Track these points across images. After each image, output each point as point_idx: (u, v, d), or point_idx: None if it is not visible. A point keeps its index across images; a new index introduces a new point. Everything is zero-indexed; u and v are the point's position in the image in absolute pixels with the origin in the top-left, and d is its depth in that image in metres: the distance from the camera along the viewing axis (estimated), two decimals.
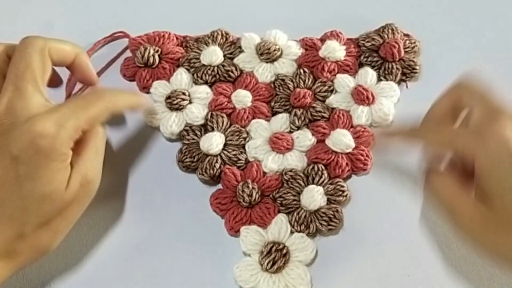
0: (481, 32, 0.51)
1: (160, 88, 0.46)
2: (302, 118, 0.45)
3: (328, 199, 0.41)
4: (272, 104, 0.46)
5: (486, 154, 0.33)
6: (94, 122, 0.36)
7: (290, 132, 0.44)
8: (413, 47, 0.49)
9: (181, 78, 0.46)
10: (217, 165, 0.42)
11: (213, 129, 0.44)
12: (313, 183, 0.42)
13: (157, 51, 0.47)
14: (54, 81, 0.41)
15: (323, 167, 0.42)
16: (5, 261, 0.32)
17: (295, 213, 0.40)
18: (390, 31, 0.49)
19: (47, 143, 0.32)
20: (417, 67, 0.47)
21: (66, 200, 0.33)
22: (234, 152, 0.43)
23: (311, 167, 0.42)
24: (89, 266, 0.40)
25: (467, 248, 0.38)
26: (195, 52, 0.48)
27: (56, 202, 0.33)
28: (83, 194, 0.35)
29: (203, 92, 0.46)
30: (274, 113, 0.46)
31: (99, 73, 0.48)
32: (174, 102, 0.45)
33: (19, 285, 0.39)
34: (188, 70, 0.47)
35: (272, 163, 0.43)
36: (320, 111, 0.45)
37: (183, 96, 0.45)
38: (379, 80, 0.47)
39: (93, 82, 0.41)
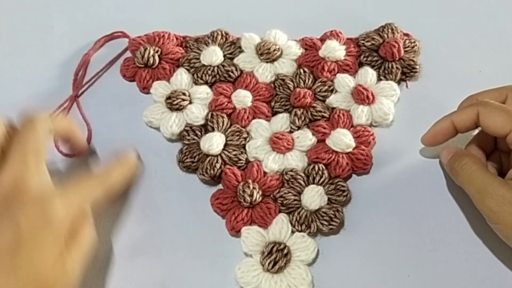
0: (481, 32, 0.51)
1: (160, 88, 0.46)
2: (303, 118, 0.45)
3: (328, 199, 0.41)
4: (272, 104, 0.46)
5: None
6: (96, 203, 0.37)
7: (291, 132, 0.44)
8: (413, 47, 0.49)
9: (181, 78, 0.46)
10: (218, 165, 0.42)
11: (213, 129, 0.44)
12: (313, 183, 0.42)
13: (157, 52, 0.47)
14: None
15: (324, 167, 0.42)
16: None
17: (296, 213, 0.40)
18: (390, 30, 0.49)
19: (56, 220, 0.33)
20: (417, 67, 0.47)
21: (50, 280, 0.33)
22: (234, 152, 0.43)
23: (311, 167, 0.42)
24: (89, 266, 0.40)
25: (495, 232, 0.38)
26: (195, 52, 0.48)
27: (48, 280, 0.33)
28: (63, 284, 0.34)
29: (203, 92, 0.46)
30: (274, 113, 0.46)
31: (99, 73, 0.48)
32: (174, 103, 0.45)
33: None
34: (188, 70, 0.47)
35: (272, 163, 0.43)
36: (320, 111, 0.45)
37: (183, 97, 0.45)
38: (379, 79, 0.47)
39: (85, 150, 0.44)
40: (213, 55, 0.47)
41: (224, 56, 0.48)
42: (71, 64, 0.48)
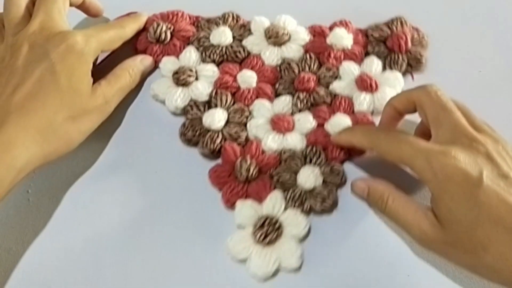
0: (481, 32, 0.51)
1: (168, 63, 0.47)
2: (305, 101, 0.46)
3: (323, 180, 0.42)
4: (277, 86, 0.47)
5: (438, 185, 0.35)
6: (111, 45, 0.45)
7: (292, 114, 0.45)
8: (420, 40, 0.49)
9: (190, 55, 0.48)
10: (218, 141, 0.43)
11: (216, 106, 0.45)
12: (310, 164, 0.43)
13: (169, 28, 0.49)
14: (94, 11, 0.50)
15: (321, 150, 0.43)
16: (38, 148, 0.38)
17: (291, 191, 0.41)
18: (399, 23, 0.49)
19: (78, 47, 0.41)
20: (423, 60, 0.48)
21: (91, 104, 0.41)
22: (235, 129, 0.44)
23: (309, 148, 0.43)
24: (88, 235, 0.41)
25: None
26: (206, 31, 0.49)
27: (84, 100, 0.41)
28: (102, 109, 0.42)
29: (210, 70, 0.47)
30: (278, 95, 0.46)
31: (114, 50, 0.49)
32: (180, 78, 0.46)
33: (19, 285, 0.40)
34: (197, 48, 0.48)
35: (272, 142, 0.44)
36: (322, 96, 0.46)
37: (189, 73, 0.46)
38: (384, 69, 0.48)
39: (100, 13, 0.50)
40: (222, 36, 0.48)
41: (233, 37, 0.49)
42: None
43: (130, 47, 0.49)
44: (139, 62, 0.46)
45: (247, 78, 0.47)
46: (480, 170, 0.34)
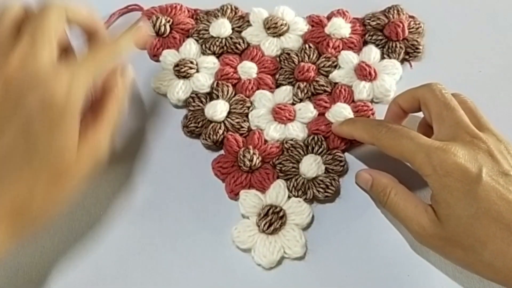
0: (481, 32, 0.51)
1: (169, 56, 0.48)
2: (305, 91, 0.46)
3: (326, 168, 0.42)
4: (277, 76, 0.47)
5: (437, 180, 0.35)
6: (104, 69, 0.37)
7: (293, 104, 0.46)
8: (417, 28, 0.50)
9: (190, 48, 0.48)
10: (220, 131, 0.44)
11: (218, 97, 0.46)
12: (312, 153, 0.43)
13: (168, 21, 0.49)
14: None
15: (323, 138, 0.44)
16: (17, 222, 0.33)
17: (294, 180, 0.42)
18: (395, 11, 0.50)
19: (60, 99, 0.33)
20: (420, 47, 0.48)
21: (76, 167, 0.35)
22: (237, 120, 0.44)
23: (311, 137, 0.44)
24: (88, 233, 0.41)
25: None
26: (205, 24, 0.50)
27: (66, 164, 0.34)
28: (91, 162, 0.36)
29: (210, 62, 0.47)
30: (278, 85, 0.47)
31: None
32: (181, 70, 0.46)
33: (20, 285, 0.40)
34: (197, 40, 0.49)
35: (273, 132, 0.44)
36: (322, 85, 0.46)
37: (190, 65, 0.47)
38: (382, 58, 0.48)
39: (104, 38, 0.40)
40: (221, 27, 0.49)
41: (233, 29, 0.49)
42: None
43: None
44: (121, 84, 0.38)
45: (248, 69, 0.47)
46: (479, 166, 0.35)
